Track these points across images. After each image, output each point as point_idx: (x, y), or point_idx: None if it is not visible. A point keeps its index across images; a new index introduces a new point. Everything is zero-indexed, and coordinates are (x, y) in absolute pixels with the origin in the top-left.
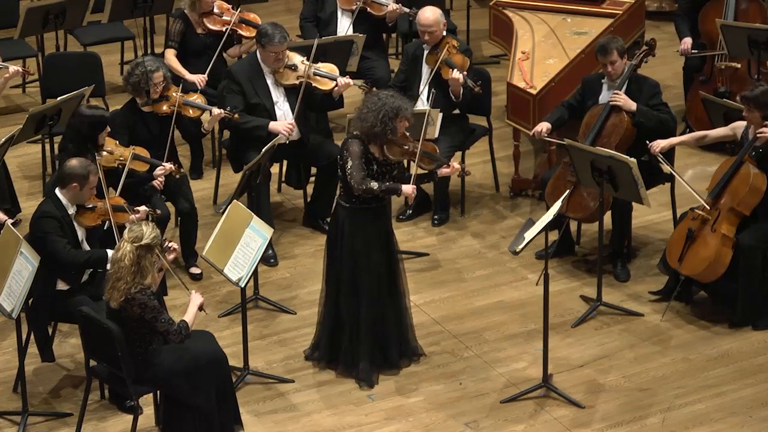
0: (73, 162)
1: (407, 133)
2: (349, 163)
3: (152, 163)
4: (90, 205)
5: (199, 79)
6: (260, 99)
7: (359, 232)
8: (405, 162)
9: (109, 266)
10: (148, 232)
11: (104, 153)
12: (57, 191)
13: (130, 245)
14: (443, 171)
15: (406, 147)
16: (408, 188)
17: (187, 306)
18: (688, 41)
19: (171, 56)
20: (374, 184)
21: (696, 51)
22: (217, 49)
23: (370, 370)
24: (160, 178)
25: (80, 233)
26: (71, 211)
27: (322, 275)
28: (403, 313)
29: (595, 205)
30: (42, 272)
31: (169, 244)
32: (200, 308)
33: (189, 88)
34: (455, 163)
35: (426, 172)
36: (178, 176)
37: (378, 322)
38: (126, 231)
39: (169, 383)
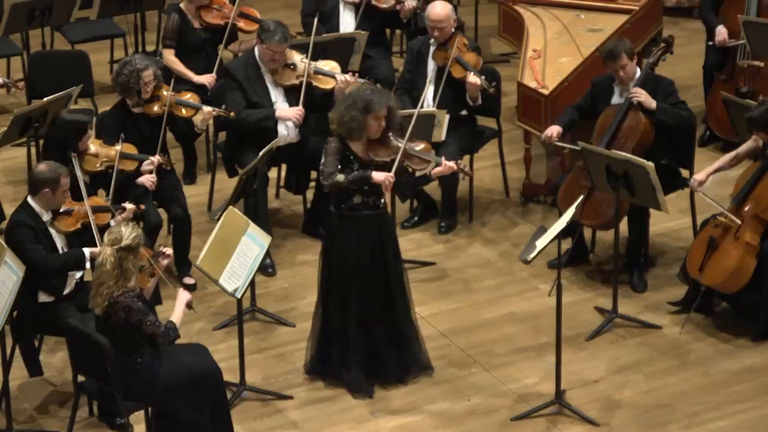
0: (42, 167)
1: (394, 132)
2: (323, 159)
3: (141, 159)
4: (66, 209)
5: (209, 79)
6: (258, 99)
7: (349, 240)
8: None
9: (88, 264)
10: (128, 232)
11: (88, 156)
12: (29, 199)
13: (110, 248)
14: (436, 170)
15: (392, 146)
16: (379, 175)
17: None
18: (723, 31)
19: (171, 56)
20: (340, 177)
21: (733, 40)
22: (221, 46)
23: (363, 380)
24: (151, 178)
25: (59, 241)
26: (46, 218)
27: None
28: (407, 326)
29: (610, 211)
30: (23, 284)
31: (163, 249)
32: (188, 306)
33: (182, 86)
34: (450, 162)
35: (421, 173)
36: (168, 167)
37: (370, 335)
38: (105, 234)
39: (161, 399)
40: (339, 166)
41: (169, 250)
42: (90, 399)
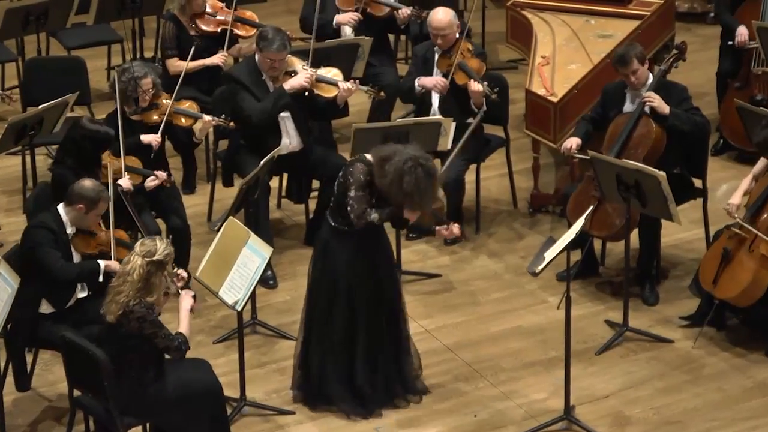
0: (87, 182)
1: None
2: (352, 192)
3: (145, 174)
4: (91, 231)
5: (221, 59)
6: None
7: (342, 256)
8: None
9: (101, 278)
10: (162, 247)
11: (101, 169)
12: (60, 207)
13: (141, 259)
14: (441, 231)
15: None
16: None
17: (179, 315)
18: (744, 31)
19: (176, 62)
20: (375, 216)
21: (753, 42)
22: (224, 48)
23: (353, 402)
24: (158, 138)
25: (75, 257)
26: (70, 230)
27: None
28: (397, 350)
29: (620, 222)
30: (27, 291)
31: (178, 271)
32: (191, 310)
33: (182, 95)
34: (455, 228)
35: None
36: (168, 185)
37: (357, 357)
38: (138, 244)
39: (160, 414)
40: (369, 198)
41: (185, 273)
42: (86, 415)
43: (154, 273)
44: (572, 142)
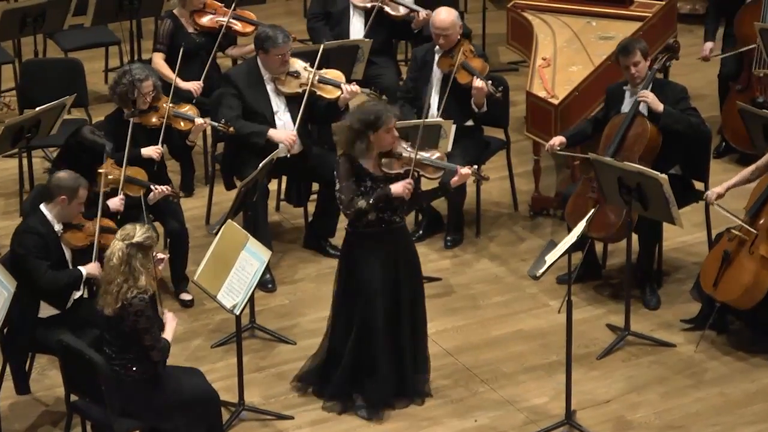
0: (62, 174)
1: (405, 144)
2: (338, 185)
3: (147, 187)
4: (77, 223)
5: (195, 86)
6: (259, 108)
7: (367, 257)
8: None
9: (82, 288)
10: (141, 231)
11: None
12: (42, 207)
13: (120, 243)
14: (454, 180)
15: (403, 156)
16: (397, 187)
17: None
18: (708, 46)
19: (159, 61)
20: (362, 202)
21: (718, 54)
22: (213, 52)
23: (366, 404)
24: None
25: (68, 254)
26: (57, 227)
27: (330, 302)
28: (413, 351)
29: (618, 221)
30: (24, 294)
31: (157, 254)
32: None
33: (182, 97)
34: (464, 169)
35: (436, 183)
36: (175, 200)
37: (371, 356)
38: (119, 230)
39: (158, 417)
40: (355, 188)
41: (161, 255)
42: (83, 419)
43: (134, 255)
44: (555, 140)
